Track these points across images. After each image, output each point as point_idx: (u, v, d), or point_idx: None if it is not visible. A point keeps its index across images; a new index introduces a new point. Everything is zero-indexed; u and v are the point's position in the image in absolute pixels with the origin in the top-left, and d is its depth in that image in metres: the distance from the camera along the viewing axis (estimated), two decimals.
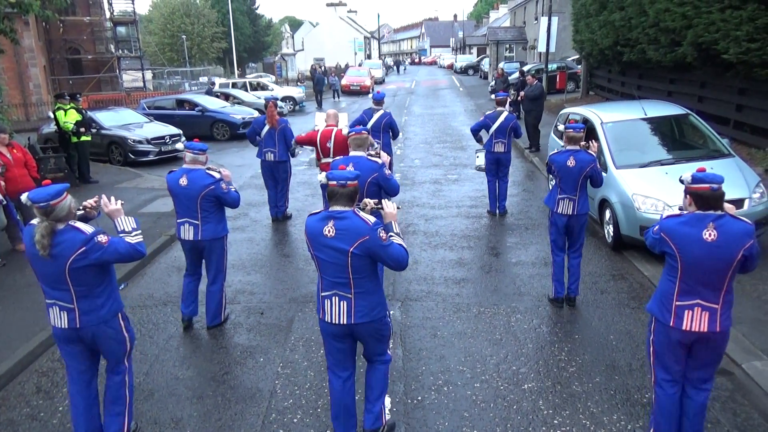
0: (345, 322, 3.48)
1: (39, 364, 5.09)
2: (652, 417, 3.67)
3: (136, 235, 3.66)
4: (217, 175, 5.18)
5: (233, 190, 5.31)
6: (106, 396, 3.83)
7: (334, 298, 3.48)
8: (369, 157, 5.15)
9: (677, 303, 3.39)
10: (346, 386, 3.70)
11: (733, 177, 6.76)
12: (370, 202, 3.72)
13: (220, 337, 5.46)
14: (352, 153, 5.20)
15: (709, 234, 3.22)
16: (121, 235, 3.63)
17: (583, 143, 5.58)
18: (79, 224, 3.49)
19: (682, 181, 3.40)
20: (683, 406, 3.57)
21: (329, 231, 3.35)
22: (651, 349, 3.59)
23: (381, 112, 8.83)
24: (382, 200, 3.78)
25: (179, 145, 14.33)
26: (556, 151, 5.72)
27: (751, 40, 9.40)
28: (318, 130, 7.42)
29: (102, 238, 3.47)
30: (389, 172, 5.16)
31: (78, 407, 3.77)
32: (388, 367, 3.83)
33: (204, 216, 5.21)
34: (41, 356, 5.20)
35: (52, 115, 12.17)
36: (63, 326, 3.58)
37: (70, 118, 11.41)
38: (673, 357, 3.49)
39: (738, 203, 6.40)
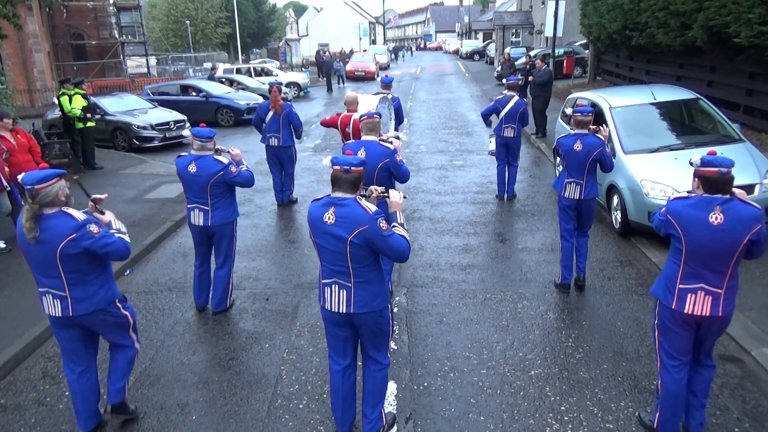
0: (344, 311, 3.43)
1: (45, 349, 5.10)
2: (657, 402, 3.65)
3: (125, 234, 3.69)
4: (226, 160, 5.13)
5: (244, 169, 5.25)
6: (111, 366, 3.87)
7: (334, 286, 3.43)
8: (381, 143, 5.09)
9: (681, 286, 3.36)
10: (346, 374, 3.66)
11: (744, 162, 6.67)
12: (376, 190, 3.64)
13: (226, 322, 5.45)
14: (364, 137, 5.14)
15: (716, 217, 3.18)
16: (111, 231, 3.64)
17: (593, 127, 5.50)
18: (72, 211, 3.47)
19: (691, 164, 3.35)
20: (690, 382, 3.57)
21: (329, 218, 3.28)
22: (656, 333, 3.58)
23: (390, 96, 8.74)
24: (389, 189, 3.70)
25: (186, 132, 14.29)
26: (563, 134, 5.65)
27: (764, 23, 9.24)
28: (339, 114, 7.30)
29: (93, 228, 3.45)
30: (400, 158, 5.12)
31: (77, 394, 3.78)
32: (387, 373, 3.71)
33: (214, 202, 5.19)
34: (47, 341, 5.21)
35: (56, 101, 12.13)
36: (56, 314, 3.57)
37: (76, 104, 11.37)
38: (678, 340, 3.47)
39: (749, 189, 6.32)
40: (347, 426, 3.76)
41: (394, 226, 3.40)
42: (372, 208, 3.30)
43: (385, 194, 3.62)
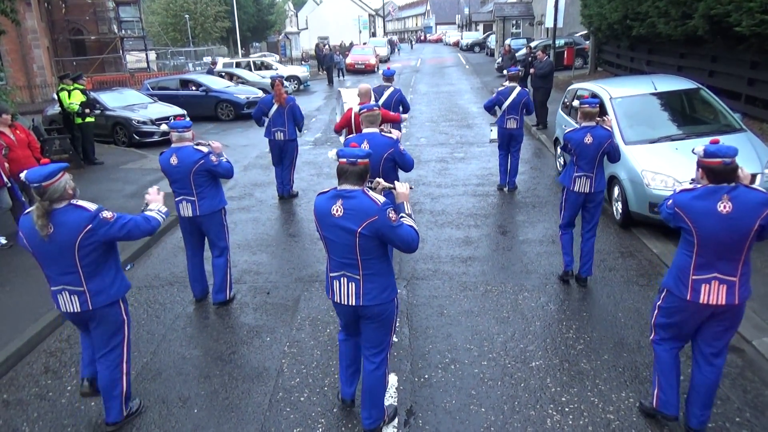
0: (353, 304, 3.44)
1: (47, 344, 5.12)
2: (653, 379, 3.67)
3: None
4: (205, 149, 5.18)
5: (224, 160, 5.31)
6: (99, 380, 3.80)
7: (342, 278, 3.43)
8: (383, 133, 5.10)
9: (694, 277, 3.34)
10: (352, 341, 3.77)
11: (745, 152, 6.61)
12: (381, 182, 3.65)
13: (227, 316, 5.46)
14: (365, 130, 5.15)
15: (724, 206, 3.16)
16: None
17: (599, 118, 5.47)
18: (82, 202, 3.47)
19: (695, 153, 3.33)
20: (695, 379, 3.55)
21: (337, 210, 3.27)
22: (656, 312, 3.58)
23: (392, 89, 8.71)
24: (395, 181, 3.73)
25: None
26: (570, 128, 5.61)
27: (765, 12, 9.17)
28: (351, 109, 7.26)
29: (107, 214, 3.47)
30: (403, 147, 5.13)
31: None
32: (385, 370, 3.68)
33: (199, 191, 5.23)
34: (49, 336, 5.23)
35: (56, 97, 12.12)
36: (75, 310, 3.57)
37: (75, 99, 11.36)
38: (681, 327, 3.48)
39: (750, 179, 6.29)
40: (352, 391, 3.87)
41: (402, 217, 3.40)
42: (380, 199, 3.30)
43: (391, 186, 3.63)
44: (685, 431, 3.64)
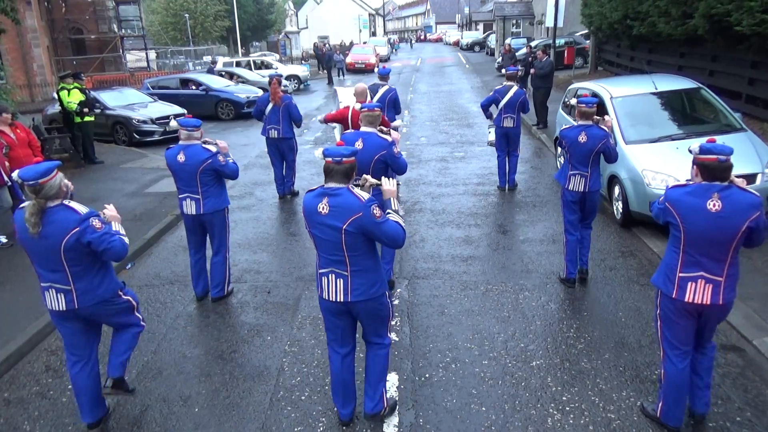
0: (342, 300, 3.47)
1: (48, 343, 5.12)
2: (660, 391, 3.66)
3: (125, 236, 3.63)
4: (214, 149, 5.20)
5: (231, 161, 5.33)
6: (114, 341, 3.86)
7: (330, 275, 3.47)
8: (380, 134, 5.09)
9: (681, 275, 3.36)
10: (346, 362, 3.72)
11: (746, 151, 6.65)
12: (369, 179, 3.68)
13: (227, 315, 5.46)
14: (363, 129, 5.14)
15: (714, 204, 3.17)
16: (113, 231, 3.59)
17: (596, 117, 5.46)
18: (74, 204, 3.46)
19: (690, 152, 3.34)
20: (693, 364, 3.59)
21: (323, 208, 3.32)
22: (658, 323, 3.58)
23: (386, 87, 8.71)
24: (382, 177, 3.74)
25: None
26: (567, 126, 5.60)
27: (766, 11, 9.17)
28: (348, 107, 7.27)
29: (96, 223, 3.42)
30: (398, 150, 5.12)
31: (80, 386, 3.78)
32: (388, 351, 3.78)
33: (204, 190, 5.25)
34: (50, 335, 5.23)
35: (56, 96, 12.12)
36: (61, 309, 3.55)
37: (73, 98, 11.35)
38: (680, 329, 3.47)
39: (750, 178, 6.30)
40: (348, 412, 3.81)
41: (389, 213, 3.43)
42: (365, 195, 3.34)
43: (378, 183, 3.65)
44: (689, 415, 3.69)
